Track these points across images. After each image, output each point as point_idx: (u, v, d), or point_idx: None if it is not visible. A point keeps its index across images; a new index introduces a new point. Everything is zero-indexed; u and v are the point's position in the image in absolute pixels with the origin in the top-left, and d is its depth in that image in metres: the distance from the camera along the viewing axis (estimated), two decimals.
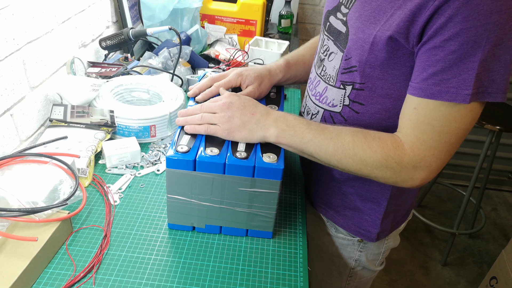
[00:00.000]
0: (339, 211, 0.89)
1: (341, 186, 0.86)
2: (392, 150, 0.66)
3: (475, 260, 2.22)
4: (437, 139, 0.64)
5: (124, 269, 0.70)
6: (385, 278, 2.06)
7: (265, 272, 0.71)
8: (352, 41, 0.72)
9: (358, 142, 0.68)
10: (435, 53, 0.60)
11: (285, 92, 1.33)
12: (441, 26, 0.59)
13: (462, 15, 0.57)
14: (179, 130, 0.75)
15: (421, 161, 0.65)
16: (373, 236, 0.88)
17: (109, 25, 1.39)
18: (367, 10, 0.69)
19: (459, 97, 0.60)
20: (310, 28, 2.30)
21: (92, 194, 0.85)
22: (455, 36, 0.58)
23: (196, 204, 0.74)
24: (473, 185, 2.03)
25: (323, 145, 0.70)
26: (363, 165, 0.68)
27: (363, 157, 0.68)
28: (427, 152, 0.65)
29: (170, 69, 1.24)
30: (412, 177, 0.67)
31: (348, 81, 0.74)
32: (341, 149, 0.69)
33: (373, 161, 0.67)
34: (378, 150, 0.67)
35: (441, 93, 0.61)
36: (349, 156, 0.69)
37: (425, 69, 0.62)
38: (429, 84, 0.62)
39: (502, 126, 1.87)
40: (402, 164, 0.66)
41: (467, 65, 0.59)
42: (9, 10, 0.86)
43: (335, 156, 0.69)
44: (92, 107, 1.00)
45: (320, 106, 0.82)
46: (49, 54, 1.03)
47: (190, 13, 1.45)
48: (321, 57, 0.82)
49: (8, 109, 0.89)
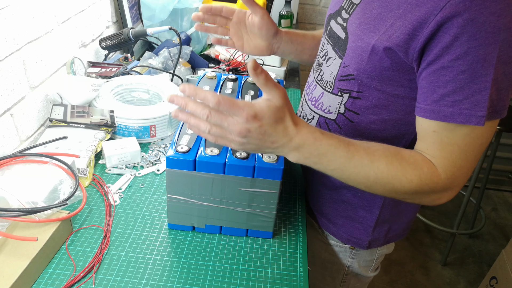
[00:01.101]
0: (330, 219, 0.88)
1: (332, 194, 0.85)
2: (429, 177, 0.63)
3: (475, 260, 2.22)
4: (464, 157, 0.62)
5: (124, 269, 0.70)
6: (385, 278, 2.06)
7: (265, 272, 0.71)
8: (350, 49, 0.70)
9: (393, 171, 0.63)
10: (444, 73, 0.58)
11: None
12: (447, 45, 0.57)
13: (468, 33, 0.55)
14: (179, 130, 0.75)
15: (452, 182, 0.63)
16: (364, 244, 0.87)
17: (109, 25, 1.39)
18: (368, 18, 0.67)
19: (473, 119, 0.58)
20: (310, 28, 2.30)
21: (92, 194, 0.85)
22: (463, 55, 0.56)
23: (196, 204, 0.74)
24: (473, 185, 2.03)
25: (352, 174, 0.64)
26: (395, 193, 0.65)
27: (396, 187, 0.64)
28: (458, 172, 0.63)
29: (170, 69, 1.24)
30: (441, 197, 0.65)
31: (346, 89, 0.73)
32: (373, 177, 0.64)
33: (407, 190, 0.64)
34: (415, 179, 0.63)
35: (453, 115, 0.59)
36: (380, 184, 0.64)
37: (435, 90, 0.60)
38: (441, 106, 0.60)
39: (502, 126, 1.87)
40: (436, 189, 0.64)
41: (479, 85, 0.57)
42: (9, 10, 0.86)
43: (365, 183, 0.65)
44: (92, 107, 1.00)
45: (315, 111, 0.81)
46: (49, 54, 1.03)
47: (190, 13, 1.45)
48: (319, 61, 0.81)
49: (8, 109, 0.89)
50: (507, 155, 2.63)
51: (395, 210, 0.84)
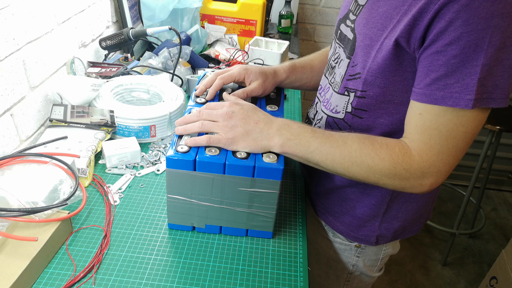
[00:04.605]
0: (337, 217, 0.89)
1: (340, 191, 0.85)
2: (400, 157, 0.65)
3: (475, 260, 2.22)
4: (444, 144, 0.63)
5: (124, 269, 0.70)
6: (385, 278, 2.06)
7: (265, 272, 0.71)
8: (358, 48, 0.71)
9: (365, 150, 0.67)
10: (437, 58, 0.60)
11: (285, 92, 1.33)
12: (441, 30, 0.58)
13: (462, 18, 0.56)
14: None
15: (429, 167, 0.64)
16: (372, 240, 0.87)
17: (109, 25, 1.39)
18: (374, 17, 0.68)
19: (461, 102, 0.59)
20: (310, 28, 2.30)
21: (92, 194, 0.85)
22: (456, 40, 0.57)
23: (196, 204, 0.74)
24: (473, 185, 2.03)
25: (329, 154, 0.68)
26: (371, 173, 0.67)
27: (370, 165, 0.67)
28: (435, 158, 0.64)
29: (170, 69, 1.24)
30: (421, 183, 0.66)
31: (352, 88, 0.74)
32: (348, 157, 0.67)
33: (381, 168, 0.66)
34: (386, 157, 0.66)
35: (444, 99, 0.60)
36: (356, 164, 0.67)
37: (428, 74, 0.61)
38: (432, 90, 0.61)
39: (502, 126, 1.87)
40: (410, 170, 0.65)
41: (469, 69, 0.58)
42: (9, 10, 0.86)
43: (342, 164, 0.68)
44: (92, 107, 1.00)
45: (324, 112, 0.82)
46: (49, 54, 1.03)
47: (190, 13, 1.45)
48: (332, 65, 0.82)
49: (8, 109, 0.89)
50: (507, 155, 2.63)
51: (403, 207, 0.84)
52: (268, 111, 0.83)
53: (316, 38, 2.35)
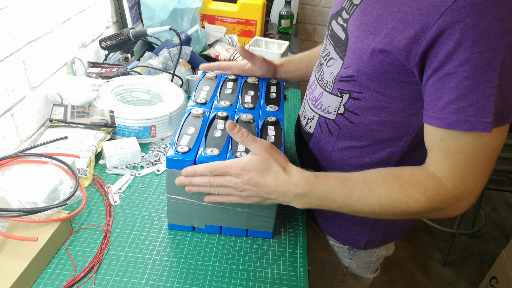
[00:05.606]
0: (327, 219, 0.89)
1: None
2: (435, 192, 0.62)
3: (475, 260, 2.22)
4: (473, 165, 0.61)
5: (124, 269, 0.70)
6: (385, 278, 2.06)
7: (265, 272, 0.71)
8: (350, 50, 0.70)
9: (395, 195, 0.63)
10: (449, 80, 0.57)
11: (285, 93, 1.33)
12: (450, 52, 0.56)
13: (471, 39, 0.54)
14: (179, 130, 0.75)
15: (463, 191, 0.62)
16: (361, 245, 0.87)
17: (109, 25, 1.39)
18: (368, 19, 0.66)
19: (479, 126, 0.57)
20: (310, 28, 2.30)
21: (92, 194, 0.85)
22: (466, 61, 0.55)
23: (196, 204, 0.74)
24: None
25: (356, 208, 0.66)
26: (405, 215, 0.65)
27: (405, 209, 0.64)
28: (467, 181, 0.62)
29: (170, 70, 1.24)
30: (457, 208, 0.64)
31: (346, 90, 0.72)
32: (378, 206, 0.64)
33: (416, 210, 0.64)
34: (420, 197, 0.63)
35: (459, 123, 0.58)
36: (388, 211, 0.64)
37: (441, 98, 0.59)
38: (446, 114, 0.59)
39: None
40: (446, 202, 0.63)
41: (484, 91, 0.56)
42: (9, 10, 0.86)
43: (373, 213, 0.66)
44: (92, 107, 1.00)
45: (315, 111, 0.81)
46: (49, 54, 1.03)
47: (190, 13, 1.45)
48: (321, 61, 0.81)
49: (9, 109, 0.89)
50: (507, 155, 2.63)
51: None
52: (268, 111, 0.84)
53: (316, 38, 2.35)
